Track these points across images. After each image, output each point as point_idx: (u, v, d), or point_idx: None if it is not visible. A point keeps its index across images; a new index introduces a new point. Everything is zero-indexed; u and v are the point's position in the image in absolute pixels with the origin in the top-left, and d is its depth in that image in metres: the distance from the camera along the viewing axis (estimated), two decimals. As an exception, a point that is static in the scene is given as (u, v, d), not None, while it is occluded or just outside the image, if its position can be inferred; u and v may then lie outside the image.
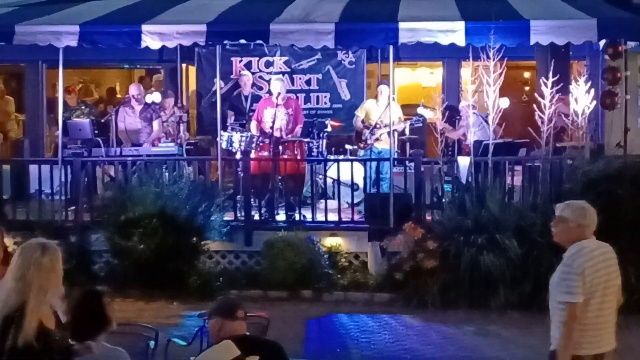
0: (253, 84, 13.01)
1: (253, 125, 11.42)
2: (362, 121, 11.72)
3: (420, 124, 11.85)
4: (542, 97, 9.63)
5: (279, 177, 10.89)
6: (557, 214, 4.95)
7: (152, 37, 9.87)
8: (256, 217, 10.69)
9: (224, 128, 11.34)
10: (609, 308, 5.01)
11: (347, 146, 12.11)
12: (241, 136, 10.98)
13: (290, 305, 9.42)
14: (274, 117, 10.94)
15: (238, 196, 10.81)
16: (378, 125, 11.48)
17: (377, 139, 11.50)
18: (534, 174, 10.05)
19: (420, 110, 11.77)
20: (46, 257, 3.98)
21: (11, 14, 10.78)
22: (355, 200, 11.11)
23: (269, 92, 11.93)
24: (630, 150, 10.17)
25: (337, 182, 10.84)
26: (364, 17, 10.05)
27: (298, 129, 11.36)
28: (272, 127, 10.93)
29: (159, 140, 12.05)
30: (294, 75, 13.32)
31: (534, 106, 9.84)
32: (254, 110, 11.80)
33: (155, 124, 11.98)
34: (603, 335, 4.96)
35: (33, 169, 11.32)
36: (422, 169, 10.55)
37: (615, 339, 5.12)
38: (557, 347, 4.77)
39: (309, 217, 10.70)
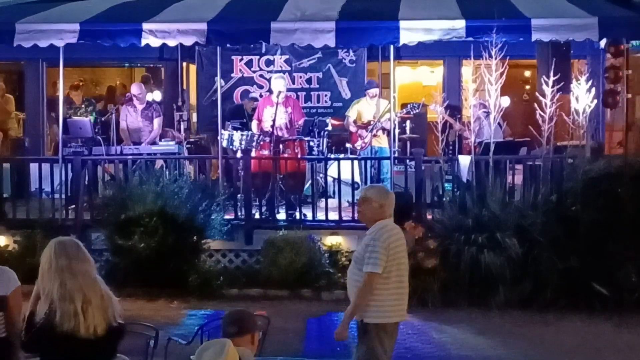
0: (254, 83, 13.04)
1: (254, 124, 11.44)
2: (355, 121, 11.73)
3: (418, 110, 11.79)
4: (543, 95, 9.62)
5: (280, 176, 10.88)
6: (361, 196, 5.68)
7: (152, 35, 9.85)
8: (257, 215, 10.68)
9: (225, 127, 11.33)
10: (406, 281, 5.65)
11: (348, 145, 12.11)
12: (242, 135, 10.97)
13: (291, 304, 9.42)
14: (273, 116, 10.94)
15: (238, 195, 10.80)
16: (372, 122, 11.48)
17: (375, 135, 11.49)
18: (535, 172, 10.04)
19: (433, 107, 11.73)
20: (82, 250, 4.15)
21: (11, 11, 10.76)
22: (356, 199, 11.09)
23: (269, 91, 11.93)
24: (631, 149, 10.18)
25: (338, 180, 10.83)
26: (364, 16, 10.03)
27: (299, 124, 11.37)
28: (272, 126, 10.92)
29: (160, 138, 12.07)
30: (295, 74, 13.32)
31: (535, 105, 9.83)
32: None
33: (156, 123, 11.99)
34: (402, 305, 5.60)
35: (33, 167, 11.32)
36: (423, 167, 10.54)
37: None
38: (364, 317, 5.39)
39: (309, 215, 10.70)
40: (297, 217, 10.66)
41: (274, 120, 10.91)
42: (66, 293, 3.95)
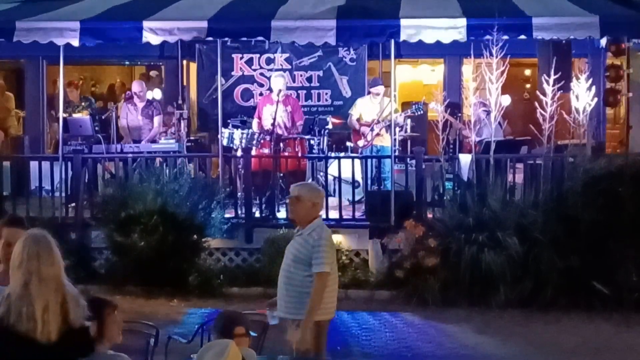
0: (254, 81, 13.02)
1: (255, 123, 11.43)
2: (358, 120, 11.72)
3: (421, 112, 11.82)
4: (544, 94, 9.62)
5: (280, 174, 10.88)
6: (293, 195, 5.64)
7: (153, 33, 9.84)
8: (257, 214, 10.68)
9: (225, 125, 11.33)
10: (337, 279, 5.74)
11: (348, 143, 12.09)
12: (242, 133, 10.97)
13: (291, 302, 9.39)
14: (274, 114, 10.94)
15: (239, 193, 10.80)
16: (376, 121, 11.48)
17: (377, 134, 11.49)
18: (535, 171, 10.04)
19: (432, 105, 11.74)
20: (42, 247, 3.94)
21: (12, 10, 10.76)
22: (356, 198, 11.10)
23: (270, 89, 11.92)
24: (632, 148, 10.17)
25: (338, 179, 10.82)
26: (365, 14, 10.03)
27: (299, 124, 11.38)
28: (272, 125, 10.92)
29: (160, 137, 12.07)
30: (295, 72, 13.30)
31: (536, 103, 9.83)
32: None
33: (156, 121, 11.99)
34: (336, 302, 5.69)
35: (33, 165, 11.31)
36: (424, 166, 10.53)
37: None
38: (301, 315, 5.40)
39: (309, 214, 10.67)
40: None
41: (274, 119, 10.91)
42: (27, 295, 3.85)
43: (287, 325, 5.53)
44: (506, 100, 10.39)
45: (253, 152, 10.87)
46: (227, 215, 10.34)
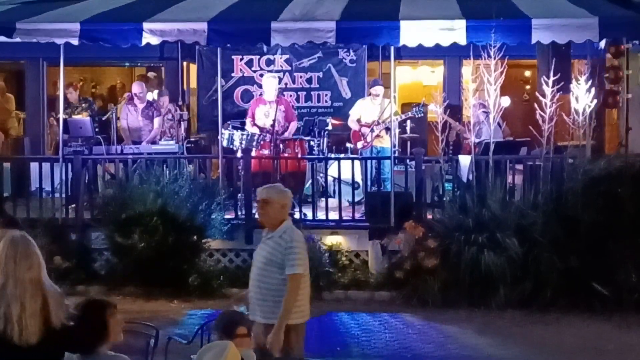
0: (254, 82, 13.03)
1: (248, 123, 11.43)
2: (358, 120, 11.73)
3: (422, 114, 11.83)
4: (543, 95, 9.63)
5: (280, 176, 10.89)
6: (261, 197, 5.60)
7: (153, 34, 9.85)
8: (257, 215, 10.66)
9: (225, 126, 11.34)
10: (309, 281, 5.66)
11: (348, 144, 12.11)
12: (242, 134, 10.99)
13: (291, 303, 9.40)
14: (270, 114, 10.96)
15: (239, 194, 10.81)
16: (376, 123, 11.48)
17: (377, 136, 11.50)
18: (535, 172, 10.05)
19: (432, 107, 11.75)
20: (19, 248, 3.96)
21: (12, 10, 10.77)
22: (356, 199, 11.11)
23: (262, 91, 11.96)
24: (631, 149, 10.18)
25: (338, 180, 10.83)
26: (365, 16, 10.04)
27: (293, 126, 11.40)
28: (272, 125, 10.93)
29: (160, 137, 12.09)
30: (295, 74, 13.32)
31: (535, 105, 9.84)
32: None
33: (156, 122, 12.01)
34: (309, 304, 5.62)
35: (34, 166, 11.32)
36: (423, 167, 10.55)
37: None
38: (289, 319, 5.37)
39: (309, 215, 10.70)
40: (297, 216, 10.65)
41: (274, 120, 10.92)
42: (4, 297, 3.84)
43: (261, 329, 5.42)
44: (506, 101, 10.40)
45: (253, 154, 10.89)
46: (227, 217, 10.35)
